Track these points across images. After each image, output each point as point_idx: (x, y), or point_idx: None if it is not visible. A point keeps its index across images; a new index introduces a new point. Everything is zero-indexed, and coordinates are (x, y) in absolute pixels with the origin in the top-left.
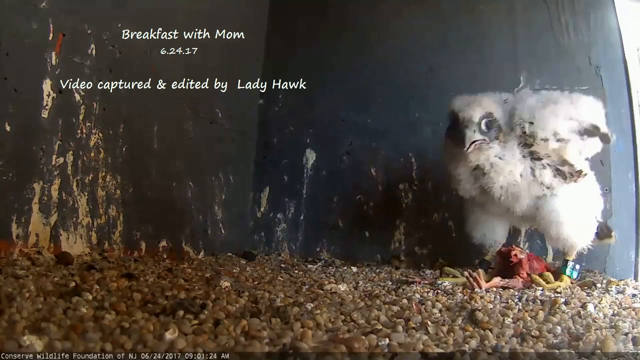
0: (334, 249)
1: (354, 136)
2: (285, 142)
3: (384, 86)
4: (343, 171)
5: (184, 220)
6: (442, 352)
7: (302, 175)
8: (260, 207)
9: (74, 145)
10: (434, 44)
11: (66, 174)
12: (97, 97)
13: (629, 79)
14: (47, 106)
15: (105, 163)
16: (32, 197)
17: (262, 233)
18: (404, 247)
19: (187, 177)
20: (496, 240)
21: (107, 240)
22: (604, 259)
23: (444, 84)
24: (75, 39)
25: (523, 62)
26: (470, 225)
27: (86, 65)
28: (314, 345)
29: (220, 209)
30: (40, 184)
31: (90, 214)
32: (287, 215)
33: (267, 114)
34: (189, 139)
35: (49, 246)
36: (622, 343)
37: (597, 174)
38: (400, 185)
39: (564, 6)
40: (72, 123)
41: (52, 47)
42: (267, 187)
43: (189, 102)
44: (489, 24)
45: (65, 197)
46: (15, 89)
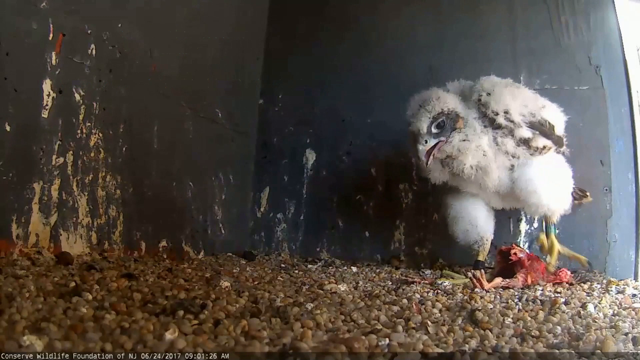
0: (334, 249)
1: (354, 136)
2: (285, 142)
3: (384, 86)
4: (343, 171)
5: (184, 220)
6: (442, 352)
7: (302, 175)
8: (260, 207)
9: (74, 145)
10: (434, 44)
11: (66, 174)
12: (97, 97)
13: (629, 79)
14: (47, 106)
15: (105, 163)
16: (32, 197)
17: (262, 233)
18: (404, 247)
19: (187, 177)
20: (482, 236)
21: (107, 240)
22: (604, 259)
23: (444, 83)
24: (75, 39)
25: (523, 61)
26: (451, 222)
27: (86, 65)
28: (314, 345)
29: (220, 209)
30: (40, 184)
31: (90, 214)
32: (287, 215)
33: (267, 114)
34: (189, 139)
35: (49, 246)
36: (622, 343)
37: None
38: (400, 185)
39: (564, 6)
40: (72, 123)
41: (52, 47)
42: (267, 187)
43: (189, 102)
44: (488, 24)
45: (65, 197)
46: (15, 89)
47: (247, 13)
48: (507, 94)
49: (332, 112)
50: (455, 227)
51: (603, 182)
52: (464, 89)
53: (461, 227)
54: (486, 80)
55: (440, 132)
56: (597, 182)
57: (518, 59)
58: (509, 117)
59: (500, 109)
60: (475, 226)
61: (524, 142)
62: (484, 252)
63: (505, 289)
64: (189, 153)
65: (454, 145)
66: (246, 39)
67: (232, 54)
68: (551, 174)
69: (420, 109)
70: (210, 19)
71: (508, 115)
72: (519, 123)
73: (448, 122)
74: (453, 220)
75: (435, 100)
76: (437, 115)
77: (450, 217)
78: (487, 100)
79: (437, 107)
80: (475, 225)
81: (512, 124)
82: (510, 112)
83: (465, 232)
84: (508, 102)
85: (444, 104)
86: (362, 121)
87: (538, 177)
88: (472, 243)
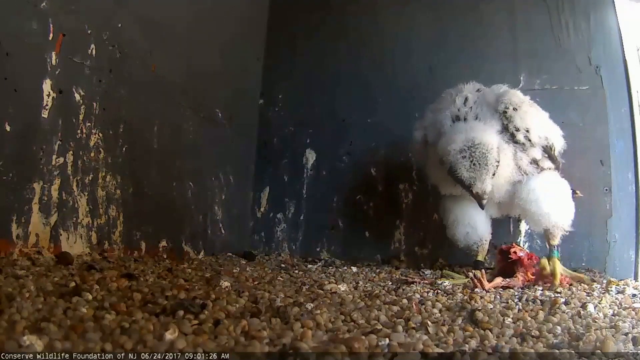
0: (334, 249)
1: (354, 136)
2: (285, 142)
3: (384, 86)
4: (343, 171)
5: (184, 220)
6: (442, 352)
7: (302, 175)
8: (260, 207)
9: (74, 145)
10: (434, 44)
11: (66, 174)
12: (97, 97)
13: (629, 79)
14: (47, 106)
15: (105, 163)
16: (32, 197)
17: (262, 233)
18: (404, 247)
19: (187, 177)
20: (481, 238)
21: (107, 240)
22: (604, 259)
23: (444, 84)
24: (75, 39)
25: (523, 62)
26: (451, 226)
27: (86, 65)
28: (314, 345)
29: (220, 209)
30: (40, 184)
31: (90, 214)
32: (287, 215)
33: (267, 114)
34: (189, 139)
35: (49, 246)
36: (622, 343)
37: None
38: (400, 185)
39: (564, 6)
40: (72, 123)
41: (52, 47)
42: (267, 187)
43: (189, 102)
44: (489, 24)
45: (65, 197)
46: (15, 89)
47: (247, 13)
48: (531, 114)
49: (332, 112)
50: (455, 231)
51: (603, 182)
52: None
53: (461, 231)
54: (514, 95)
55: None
56: (597, 182)
57: (518, 59)
58: (528, 136)
59: (522, 126)
60: (475, 229)
61: (534, 161)
62: (483, 252)
63: (505, 289)
64: (189, 153)
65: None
66: (246, 39)
67: (233, 54)
68: (553, 187)
69: (477, 165)
70: (211, 19)
71: (528, 134)
72: (534, 143)
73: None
74: (453, 224)
75: (491, 153)
76: (495, 166)
77: (450, 221)
78: (513, 115)
79: (493, 161)
80: (475, 228)
81: (529, 143)
82: (531, 131)
83: (466, 235)
84: (530, 121)
85: (496, 154)
86: (362, 121)
87: (540, 188)
88: (472, 244)
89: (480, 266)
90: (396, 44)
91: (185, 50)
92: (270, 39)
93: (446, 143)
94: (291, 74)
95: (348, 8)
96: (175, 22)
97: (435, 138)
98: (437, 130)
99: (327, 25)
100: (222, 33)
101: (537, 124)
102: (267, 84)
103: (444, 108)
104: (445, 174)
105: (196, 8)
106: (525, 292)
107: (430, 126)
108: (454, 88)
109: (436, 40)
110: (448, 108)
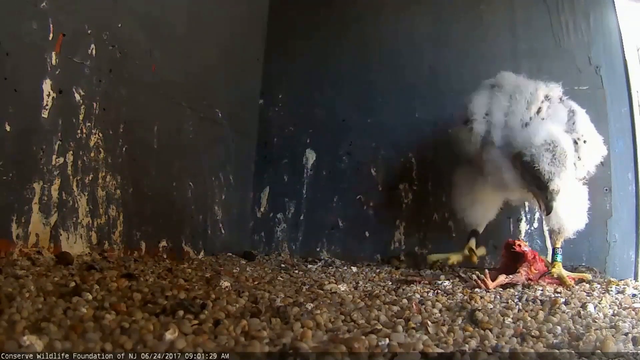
0: (334, 249)
1: (354, 136)
2: (285, 142)
3: (384, 86)
4: (343, 171)
5: (184, 220)
6: (442, 352)
7: (302, 175)
8: (260, 207)
9: (74, 145)
10: (434, 44)
11: (66, 174)
12: (97, 97)
13: (629, 79)
14: (47, 106)
15: (105, 163)
16: (32, 197)
17: (262, 233)
18: (404, 247)
19: (187, 177)
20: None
21: (107, 240)
22: (604, 259)
23: (444, 84)
24: (75, 39)
25: (523, 61)
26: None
27: (86, 65)
28: (314, 345)
29: (220, 209)
30: (40, 184)
31: (90, 214)
32: (287, 215)
33: (267, 114)
34: (189, 139)
35: (49, 246)
36: (622, 343)
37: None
38: (400, 185)
39: (564, 6)
40: (72, 123)
41: (52, 47)
42: (267, 187)
43: (189, 102)
44: (489, 24)
45: (65, 197)
46: (15, 89)
47: (247, 13)
48: (594, 145)
49: (332, 112)
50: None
51: (603, 182)
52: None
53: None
54: (585, 121)
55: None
56: (597, 182)
57: (518, 59)
58: (584, 167)
59: (585, 159)
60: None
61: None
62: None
63: (506, 288)
64: (189, 153)
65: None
66: (246, 39)
67: (232, 53)
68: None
69: (557, 162)
70: (211, 19)
71: (584, 167)
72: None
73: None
74: (465, 203)
75: (569, 156)
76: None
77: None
78: (582, 146)
79: (571, 164)
80: (485, 210)
81: (582, 169)
82: (587, 166)
83: (476, 215)
84: (590, 157)
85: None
86: (362, 121)
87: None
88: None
89: (475, 235)
90: (396, 43)
91: (185, 50)
92: (270, 39)
93: (528, 136)
94: (291, 74)
95: (348, 8)
96: (175, 22)
97: (500, 138)
98: (503, 130)
99: (327, 25)
100: (222, 33)
101: (593, 159)
102: (267, 84)
103: (516, 112)
104: (509, 169)
105: (196, 8)
106: (525, 292)
107: (496, 124)
108: (522, 82)
109: (436, 39)
110: (520, 113)
